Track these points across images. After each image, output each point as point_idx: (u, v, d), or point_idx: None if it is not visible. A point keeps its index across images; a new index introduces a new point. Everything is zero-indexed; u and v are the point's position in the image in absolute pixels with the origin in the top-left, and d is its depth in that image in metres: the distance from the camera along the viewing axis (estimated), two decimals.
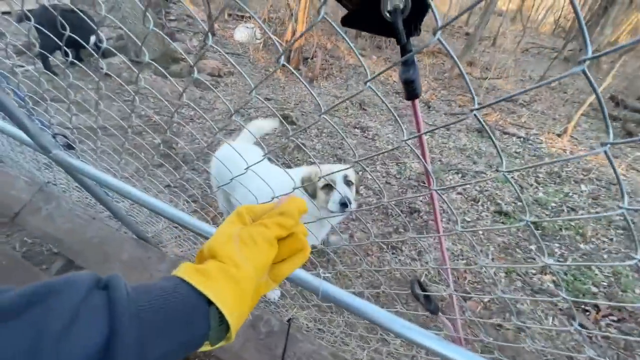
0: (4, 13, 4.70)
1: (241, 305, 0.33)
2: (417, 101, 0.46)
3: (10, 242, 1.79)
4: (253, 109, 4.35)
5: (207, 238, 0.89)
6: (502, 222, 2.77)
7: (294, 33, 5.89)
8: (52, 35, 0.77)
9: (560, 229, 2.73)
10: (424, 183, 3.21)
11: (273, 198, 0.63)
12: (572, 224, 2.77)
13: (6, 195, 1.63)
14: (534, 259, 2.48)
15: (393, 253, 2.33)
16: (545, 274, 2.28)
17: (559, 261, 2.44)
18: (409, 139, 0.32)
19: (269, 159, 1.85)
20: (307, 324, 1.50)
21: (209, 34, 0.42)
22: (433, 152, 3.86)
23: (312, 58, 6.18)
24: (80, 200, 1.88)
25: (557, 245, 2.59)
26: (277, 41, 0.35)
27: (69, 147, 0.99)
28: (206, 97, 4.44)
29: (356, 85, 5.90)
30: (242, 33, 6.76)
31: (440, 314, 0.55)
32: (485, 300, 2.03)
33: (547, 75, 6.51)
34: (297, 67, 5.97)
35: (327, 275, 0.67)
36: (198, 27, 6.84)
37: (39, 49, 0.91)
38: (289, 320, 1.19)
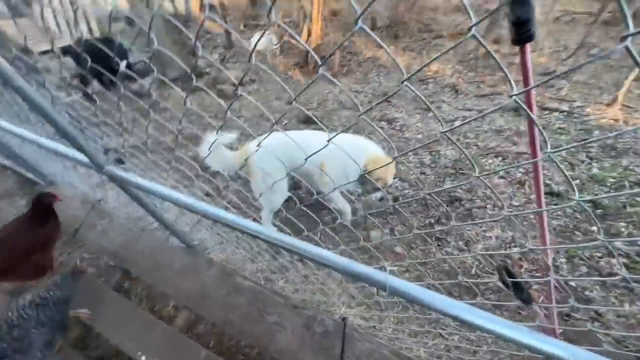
0: (44, 52, 5.10)
1: None
2: (528, 46, 0.39)
3: (73, 258, 1.92)
4: (278, 113, 4.39)
5: (254, 237, 0.88)
6: (555, 204, 2.55)
7: (309, 33, 5.88)
8: (85, 67, 0.79)
9: (624, 207, 2.46)
10: (462, 170, 3.04)
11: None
12: (638, 199, 2.48)
13: (66, 215, 1.75)
14: (596, 240, 2.25)
15: (438, 245, 2.22)
16: (614, 256, 2.06)
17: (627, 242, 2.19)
18: (519, 93, 0.27)
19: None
20: (358, 323, 1.46)
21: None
22: (467, 137, 3.66)
23: (329, 56, 6.15)
24: (129, 214, 1.98)
25: (622, 224, 2.33)
26: (306, 46, 0.31)
27: (119, 161, 1.03)
28: (231, 107, 4.55)
29: (377, 78, 5.77)
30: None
31: (533, 303, 0.49)
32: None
33: (585, 42, 5.97)
34: (315, 66, 5.96)
35: (391, 268, 0.63)
36: (217, 41, 7.07)
37: (77, 79, 0.95)
38: (343, 319, 1.16)
